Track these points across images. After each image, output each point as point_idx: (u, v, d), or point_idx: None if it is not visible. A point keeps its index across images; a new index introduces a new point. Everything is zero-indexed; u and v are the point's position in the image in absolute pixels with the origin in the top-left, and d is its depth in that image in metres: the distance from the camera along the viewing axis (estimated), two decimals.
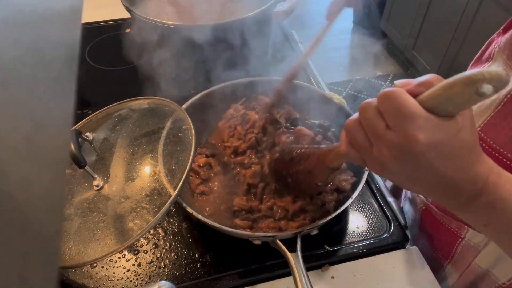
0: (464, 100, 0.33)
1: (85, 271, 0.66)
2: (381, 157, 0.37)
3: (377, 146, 0.37)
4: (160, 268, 0.67)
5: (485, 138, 0.55)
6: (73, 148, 0.61)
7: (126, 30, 1.26)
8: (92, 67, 1.13)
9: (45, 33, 0.24)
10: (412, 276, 0.67)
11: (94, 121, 0.74)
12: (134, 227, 0.60)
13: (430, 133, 0.34)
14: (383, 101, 0.36)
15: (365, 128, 0.38)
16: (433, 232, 0.70)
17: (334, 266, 0.68)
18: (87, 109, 0.96)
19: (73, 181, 0.67)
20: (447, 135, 0.34)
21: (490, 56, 0.57)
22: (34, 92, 0.21)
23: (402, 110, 0.34)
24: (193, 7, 1.04)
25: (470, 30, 2.13)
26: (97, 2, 1.32)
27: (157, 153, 0.67)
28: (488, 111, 0.54)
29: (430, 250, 0.72)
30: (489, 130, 0.54)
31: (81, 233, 0.60)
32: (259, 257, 0.67)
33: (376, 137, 0.37)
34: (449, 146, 0.35)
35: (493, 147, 0.54)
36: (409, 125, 0.34)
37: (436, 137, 0.34)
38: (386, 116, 0.36)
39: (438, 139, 0.34)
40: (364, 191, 0.78)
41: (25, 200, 0.19)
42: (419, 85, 0.35)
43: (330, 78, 2.73)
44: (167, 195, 0.61)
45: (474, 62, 0.63)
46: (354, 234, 0.72)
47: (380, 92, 0.36)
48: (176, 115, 0.72)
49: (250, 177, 0.70)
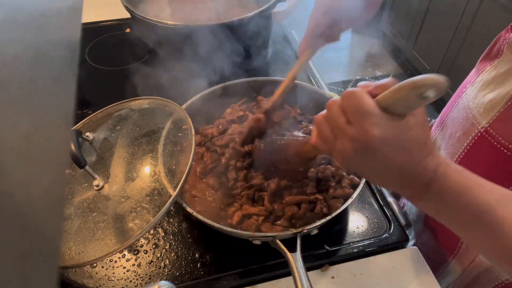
0: (411, 102, 0.37)
1: (85, 271, 0.66)
2: (343, 149, 0.42)
3: (340, 140, 0.42)
4: (160, 268, 0.67)
5: (493, 134, 0.56)
6: (73, 148, 0.61)
7: (126, 30, 1.26)
8: (92, 67, 1.13)
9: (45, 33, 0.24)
10: (412, 276, 0.67)
11: (94, 121, 0.74)
12: (134, 227, 0.60)
13: (382, 129, 0.38)
14: (345, 99, 0.40)
15: (330, 122, 0.43)
16: (438, 226, 0.70)
17: (334, 266, 0.68)
18: (87, 109, 0.96)
19: (73, 181, 0.67)
20: (398, 132, 0.39)
21: (498, 52, 0.58)
22: (34, 92, 0.21)
23: (360, 108, 0.39)
24: (193, 7, 1.04)
25: (470, 30, 2.13)
26: (97, 2, 1.32)
27: (157, 153, 0.67)
28: (498, 107, 0.55)
29: (434, 245, 0.72)
30: (498, 126, 0.55)
31: (81, 233, 0.60)
32: (259, 257, 0.67)
33: (339, 131, 0.42)
34: (400, 141, 0.39)
35: (501, 143, 0.55)
36: (365, 121, 0.38)
37: (388, 133, 0.38)
38: (347, 112, 0.40)
39: (389, 135, 0.38)
40: (364, 191, 0.78)
41: (25, 200, 0.19)
42: (377, 87, 0.40)
43: (330, 78, 2.73)
44: (167, 195, 0.61)
45: (482, 59, 0.63)
46: (354, 234, 0.72)
47: (344, 91, 0.41)
48: (176, 115, 0.72)
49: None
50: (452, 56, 2.31)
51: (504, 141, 0.54)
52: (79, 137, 0.67)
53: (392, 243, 0.70)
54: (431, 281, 0.66)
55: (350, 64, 2.96)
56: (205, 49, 0.93)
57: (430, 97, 0.35)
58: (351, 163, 0.43)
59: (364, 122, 0.38)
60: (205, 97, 0.82)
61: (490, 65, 0.59)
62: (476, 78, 0.62)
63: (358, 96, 0.39)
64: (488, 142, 0.56)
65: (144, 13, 0.94)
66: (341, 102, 0.41)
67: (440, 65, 2.42)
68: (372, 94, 0.40)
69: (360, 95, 0.39)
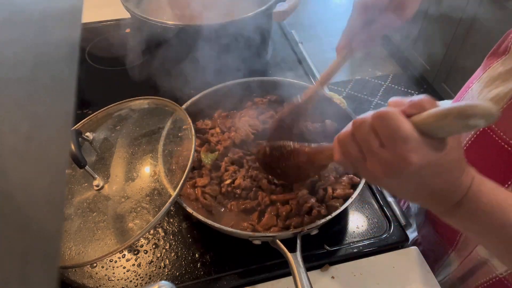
0: (455, 129, 0.35)
1: (85, 271, 0.66)
2: (374, 171, 0.39)
3: (370, 161, 0.39)
4: (160, 268, 0.67)
5: (495, 130, 0.56)
6: (73, 148, 0.61)
7: (126, 30, 1.26)
8: (92, 67, 1.13)
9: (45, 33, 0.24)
10: (412, 276, 0.67)
11: (94, 121, 0.74)
12: (134, 227, 0.60)
13: (421, 155, 0.36)
14: (379, 122, 0.37)
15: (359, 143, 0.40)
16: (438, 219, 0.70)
17: (334, 266, 0.68)
18: (87, 109, 0.96)
19: (73, 181, 0.67)
20: (437, 156, 0.37)
21: (506, 49, 0.58)
22: (34, 92, 0.21)
23: (397, 132, 0.36)
24: (193, 7, 1.04)
25: (470, 30, 2.13)
26: (97, 2, 1.32)
27: (157, 153, 0.67)
28: (501, 103, 0.55)
29: (435, 237, 0.72)
30: (501, 122, 0.55)
31: (81, 233, 0.60)
32: (259, 257, 0.67)
33: (370, 153, 0.39)
34: (439, 165, 0.37)
35: (502, 138, 0.55)
36: (402, 147, 0.36)
37: (428, 158, 0.36)
38: (381, 135, 0.37)
39: (429, 160, 0.36)
40: (364, 191, 0.78)
41: (25, 200, 0.19)
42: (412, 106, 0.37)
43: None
44: (167, 195, 0.61)
45: (490, 55, 0.63)
46: (354, 234, 0.72)
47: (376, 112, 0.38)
48: (176, 115, 0.72)
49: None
50: (452, 56, 2.30)
51: (505, 137, 0.55)
52: (79, 137, 0.67)
53: (392, 243, 0.70)
54: (431, 281, 0.66)
55: (350, 64, 2.96)
56: (205, 49, 0.93)
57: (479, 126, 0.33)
58: (382, 184, 0.42)
59: (402, 148, 0.35)
60: (205, 97, 0.82)
61: (497, 61, 0.60)
62: (482, 74, 0.62)
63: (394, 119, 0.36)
64: (490, 138, 0.57)
65: (144, 13, 0.94)
66: (372, 123, 0.38)
67: (440, 65, 2.41)
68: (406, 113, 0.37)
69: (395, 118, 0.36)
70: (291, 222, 0.66)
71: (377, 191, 0.78)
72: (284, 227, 0.65)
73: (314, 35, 3.08)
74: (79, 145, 0.65)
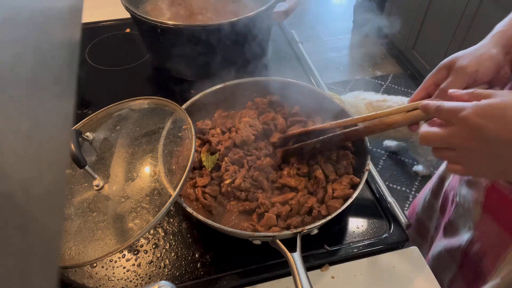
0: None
1: (85, 271, 0.66)
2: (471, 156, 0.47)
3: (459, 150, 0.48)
4: (160, 268, 0.67)
5: None
6: (73, 148, 0.61)
7: (126, 30, 1.26)
8: (92, 67, 1.13)
9: (45, 33, 0.24)
10: (412, 276, 0.67)
11: (94, 121, 0.74)
12: (134, 227, 0.60)
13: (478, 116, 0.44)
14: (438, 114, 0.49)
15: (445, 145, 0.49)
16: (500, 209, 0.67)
17: (334, 266, 0.68)
18: (87, 109, 0.96)
19: (73, 181, 0.67)
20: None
21: None
22: (34, 92, 0.21)
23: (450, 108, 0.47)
24: (193, 7, 1.04)
25: (470, 30, 2.13)
26: (97, 2, 1.32)
27: (157, 153, 0.67)
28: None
29: (497, 230, 0.67)
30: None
31: (81, 233, 0.60)
32: (259, 257, 0.67)
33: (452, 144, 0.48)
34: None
35: None
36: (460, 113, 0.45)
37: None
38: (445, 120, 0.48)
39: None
40: (364, 191, 0.78)
41: (25, 200, 0.19)
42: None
43: (330, 78, 2.73)
44: (167, 195, 0.61)
45: None
46: (354, 234, 0.72)
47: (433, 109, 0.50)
48: (176, 115, 0.72)
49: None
50: None
51: None
52: (79, 137, 0.67)
53: (392, 243, 0.70)
54: (431, 281, 0.66)
55: (350, 64, 2.96)
56: (205, 49, 0.93)
57: None
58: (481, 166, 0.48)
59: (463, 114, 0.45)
60: (205, 97, 0.82)
61: None
62: None
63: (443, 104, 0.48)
64: None
65: (144, 13, 0.94)
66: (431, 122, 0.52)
67: None
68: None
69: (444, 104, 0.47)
70: (291, 222, 0.66)
71: (377, 191, 0.78)
72: (284, 227, 0.66)
73: (314, 35, 3.08)
74: (79, 145, 0.65)
